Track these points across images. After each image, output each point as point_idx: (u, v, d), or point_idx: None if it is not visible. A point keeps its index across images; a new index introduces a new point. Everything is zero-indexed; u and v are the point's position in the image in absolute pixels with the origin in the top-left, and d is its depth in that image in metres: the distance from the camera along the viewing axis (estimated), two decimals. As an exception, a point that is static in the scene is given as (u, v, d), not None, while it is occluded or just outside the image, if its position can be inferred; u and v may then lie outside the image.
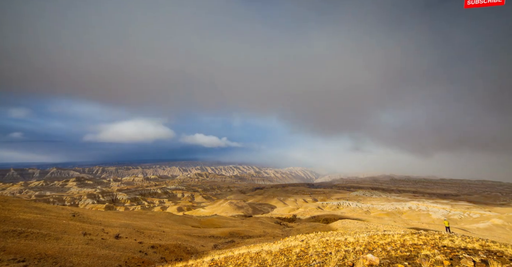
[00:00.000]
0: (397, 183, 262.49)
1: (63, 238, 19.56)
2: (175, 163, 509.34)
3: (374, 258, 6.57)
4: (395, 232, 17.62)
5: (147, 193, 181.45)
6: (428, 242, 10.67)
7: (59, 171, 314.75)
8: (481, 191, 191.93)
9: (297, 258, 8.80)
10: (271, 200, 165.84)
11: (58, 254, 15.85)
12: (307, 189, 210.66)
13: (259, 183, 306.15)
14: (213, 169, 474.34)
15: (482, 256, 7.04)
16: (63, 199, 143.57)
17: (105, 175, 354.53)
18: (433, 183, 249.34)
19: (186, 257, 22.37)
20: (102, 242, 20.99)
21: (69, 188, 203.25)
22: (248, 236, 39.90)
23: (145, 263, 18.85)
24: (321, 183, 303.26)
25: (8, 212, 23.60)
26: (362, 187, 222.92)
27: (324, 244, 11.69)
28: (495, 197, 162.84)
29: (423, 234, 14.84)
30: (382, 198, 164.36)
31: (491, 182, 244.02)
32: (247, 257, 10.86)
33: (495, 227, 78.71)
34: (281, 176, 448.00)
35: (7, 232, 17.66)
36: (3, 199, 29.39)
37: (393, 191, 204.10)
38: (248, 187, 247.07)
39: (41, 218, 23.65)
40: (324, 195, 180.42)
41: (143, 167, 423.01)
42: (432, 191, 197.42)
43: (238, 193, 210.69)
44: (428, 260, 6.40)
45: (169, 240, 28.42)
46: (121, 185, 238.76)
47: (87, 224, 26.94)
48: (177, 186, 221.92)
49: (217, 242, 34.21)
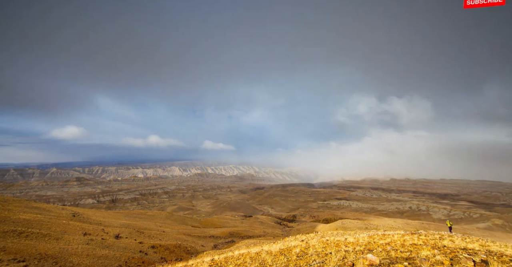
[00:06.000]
0: (397, 183, 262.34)
1: (63, 238, 19.57)
2: (175, 163, 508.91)
3: (374, 258, 6.57)
4: (395, 232, 17.63)
5: (147, 193, 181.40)
6: (428, 242, 10.68)
7: (59, 171, 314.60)
8: (481, 191, 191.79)
9: (297, 258, 8.80)
10: (271, 200, 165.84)
11: (58, 254, 15.86)
12: (307, 189, 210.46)
13: (259, 183, 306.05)
14: (213, 169, 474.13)
15: (482, 256, 7.04)
16: (63, 199, 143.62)
17: (105, 175, 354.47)
18: (433, 183, 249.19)
19: (186, 257, 22.37)
20: (102, 242, 21.00)
21: (69, 188, 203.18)
22: (248, 236, 39.89)
23: (145, 263, 18.86)
24: (321, 183, 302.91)
25: (8, 212, 23.61)
26: (362, 187, 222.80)
27: (324, 244, 11.69)
28: (495, 197, 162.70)
29: (423, 234, 14.84)
30: (382, 198, 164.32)
31: (491, 182, 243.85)
32: (247, 257, 10.86)
33: (495, 227, 78.72)
34: (281, 176, 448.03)
35: (7, 232, 17.67)
36: (3, 199, 29.40)
37: (393, 191, 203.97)
38: (248, 187, 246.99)
39: (41, 218, 23.66)
40: (324, 195, 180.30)
41: (143, 167, 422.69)
42: (432, 191, 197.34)
43: (238, 193, 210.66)
44: (428, 260, 6.40)
45: (169, 240, 28.43)
46: (121, 185, 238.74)
47: (87, 224, 26.95)
48: (177, 186, 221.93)
49: (217, 242, 34.23)
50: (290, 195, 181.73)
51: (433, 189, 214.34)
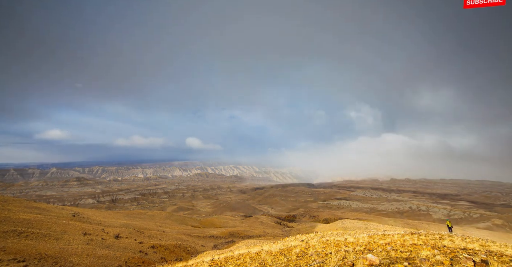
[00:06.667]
0: (397, 183, 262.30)
1: (63, 238, 19.57)
2: (175, 163, 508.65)
3: (374, 258, 6.57)
4: (395, 232, 17.62)
5: (147, 193, 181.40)
6: (428, 242, 10.67)
7: (59, 171, 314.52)
8: (481, 191, 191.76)
9: (297, 258, 8.80)
10: (271, 200, 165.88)
11: (58, 254, 15.87)
12: (307, 189, 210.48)
13: (259, 183, 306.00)
14: (213, 169, 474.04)
15: (482, 256, 7.03)
16: (63, 199, 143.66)
17: (105, 175, 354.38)
18: (433, 183, 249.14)
19: (186, 257, 22.38)
20: (102, 242, 21.00)
21: (69, 188, 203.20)
22: (248, 236, 39.90)
23: (145, 263, 18.86)
24: (321, 183, 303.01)
25: (8, 212, 23.62)
26: (362, 187, 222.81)
27: (324, 244, 11.69)
28: (495, 197, 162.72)
29: (423, 234, 14.84)
30: (382, 198, 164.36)
31: (491, 182, 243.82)
32: (247, 257, 10.86)
33: (495, 227, 78.75)
34: (281, 176, 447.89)
35: (7, 232, 17.67)
36: (3, 199, 29.41)
37: (393, 191, 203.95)
38: (248, 187, 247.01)
39: (41, 218, 23.67)
40: (324, 195, 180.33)
41: (143, 167, 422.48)
42: (432, 191, 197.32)
43: (238, 193, 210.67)
44: (428, 260, 6.40)
45: (169, 240, 28.45)
46: (121, 185, 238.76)
47: (87, 224, 26.96)
48: (177, 186, 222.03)
49: (217, 242, 34.24)
50: (290, 195, 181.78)
51: (433, 189, 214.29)
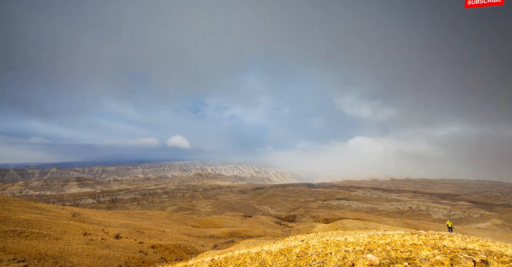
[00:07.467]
0: (397, 183, 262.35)
1: (63, 238, 19.57)
2: (175, 163, 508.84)
3: (374, 258, 6.57)
4: (395, 232, 17.62)
5: (147, 193, 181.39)
6: (428, 242, 10.67)
7: (59, 171, 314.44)
8: (481, 191, 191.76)
9: (297, 258, 8.80)
10: (271, 200, 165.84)
11: (58, 254, 15.86)
12: (307, 189, 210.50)
13: (259, 183, 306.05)
14: (213, 169, 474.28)
15: (482, 256, 7.03)
16: (63, 199, 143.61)
17: (105, 175, 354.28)
18: (433, 183, 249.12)
19: (186, 257, 22.38)
20: (102, 242, 21.00)
21: (69, 188, 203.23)
22: (248, 236, 39.90)
23: (145, 263, 18.86)
24: (321, 183, 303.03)
25: (8, 212, 23.60)
26: (362, 187, 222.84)
27: (324, 244, 11.68)
28: (495, 197, 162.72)
29: (423, 234, 14.83)
30: (382, 198, 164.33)
31: (491, 182, 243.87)
32: (247, 257, 10.86)
33: (495, 227, 78.73)
34: (281, 176, 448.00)
35: (7, 232, 17.66)
36: (3, 199, 29.40)
37: (393, 191, 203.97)
38: (248, 187, 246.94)
39: (41, 218, 23.66)
40: (324, 195, 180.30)
41: (143, 167, 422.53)
42: (432, 191, 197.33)
43: (238, 193, 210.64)
44: (428, 260, 6.40)
45: (169, 240, 28.44)
46: (121, 185, 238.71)
47: (87, 224, 26.95)
48: (177, 186, 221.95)
49: (217, 242, 34.24)
50: (290, 195, 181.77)
51: (433, 189, 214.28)
